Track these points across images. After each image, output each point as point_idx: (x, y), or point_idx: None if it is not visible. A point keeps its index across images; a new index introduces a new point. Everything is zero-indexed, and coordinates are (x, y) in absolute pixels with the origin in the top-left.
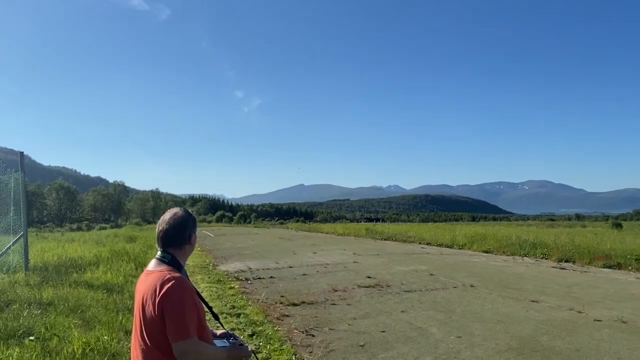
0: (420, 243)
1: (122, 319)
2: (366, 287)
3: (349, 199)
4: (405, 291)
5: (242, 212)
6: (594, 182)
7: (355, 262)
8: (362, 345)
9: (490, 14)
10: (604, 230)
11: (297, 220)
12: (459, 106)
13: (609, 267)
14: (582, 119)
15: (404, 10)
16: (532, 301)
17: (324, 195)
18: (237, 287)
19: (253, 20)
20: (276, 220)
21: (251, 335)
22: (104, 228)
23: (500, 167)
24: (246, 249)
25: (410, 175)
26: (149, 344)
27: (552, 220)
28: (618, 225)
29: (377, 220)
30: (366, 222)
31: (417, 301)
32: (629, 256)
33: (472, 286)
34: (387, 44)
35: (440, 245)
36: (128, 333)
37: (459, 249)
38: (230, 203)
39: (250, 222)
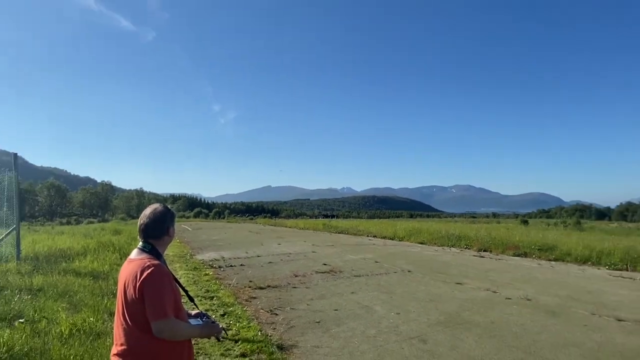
0: (368, 236)
1: (107, 302)
2: (322, 272)
3: (309, 199)
4: (355, 276)
5: (217, 209)
6: (507, 186)
7: (313, 252)
8: (318, 322)
9: (428, 17)
10: (514, 226)
11: (265, 217)
12: (403, 117)
13: (518, 255)
14: (499, 131)
15: (363, 19)
16: (457, 283)
17: (288, 195)
18: (211, 273)
19: (230, 42)
20: (247, 216)
21: (223, 315)
22: (92, 222)
23: (434, 173)
24: (220, 240)
25: (361, 179)
26: (130, 323)
27: (474, 217)
28: (525, 222)
29: (333, 216)
30: (323, 218)
31: (365, 284)
32: (532, 246)
33: (409, 271)
34: (343, 57)
35: (384, 237)
36: (112, 315)
37: (400, 240)
38: (206, 201)
39: (224, 218)
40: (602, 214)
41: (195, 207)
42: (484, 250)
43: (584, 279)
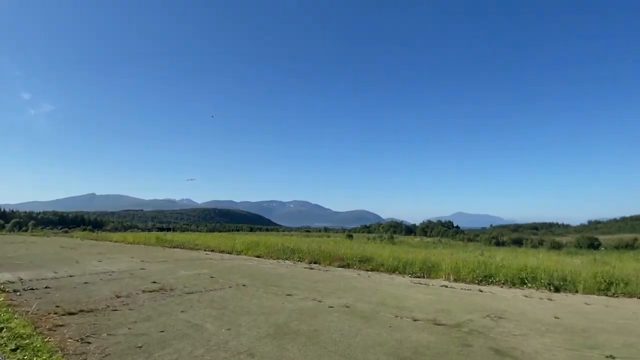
0: (205, 250)
1: None
2: (151, 291)
3: (142, 210)
4: (186, 293)
5: (18, 219)
6: (338, 203)
7: (142, 269)
8: (140, 347)
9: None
10: (341, 239)
11: (85, 229)
12: (245, 131)
13: (342, 267)
14: (331, 148)
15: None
16: (288, 295)
17: (116, 205)
18: (1, 300)
19: (54, 22)
20: (60, 229)
21: (14, 350)
22: None
23: (275, 188)
24: (19, 258)
25: (202, 191)
26: None
27: (308, 232)
28: (350, 236)
29: (168, 229)
30: (158, 231)
31: (197, 301)
32: (354, 258)
33: (244, 285)
34: (186, 60)
35: (222, 251)
36: None
37: (237, 254)
38: (3, 209)
39: (27, 230)
40: (410, 229)
41: None
42: (314, 263)
43: (392, 286)
